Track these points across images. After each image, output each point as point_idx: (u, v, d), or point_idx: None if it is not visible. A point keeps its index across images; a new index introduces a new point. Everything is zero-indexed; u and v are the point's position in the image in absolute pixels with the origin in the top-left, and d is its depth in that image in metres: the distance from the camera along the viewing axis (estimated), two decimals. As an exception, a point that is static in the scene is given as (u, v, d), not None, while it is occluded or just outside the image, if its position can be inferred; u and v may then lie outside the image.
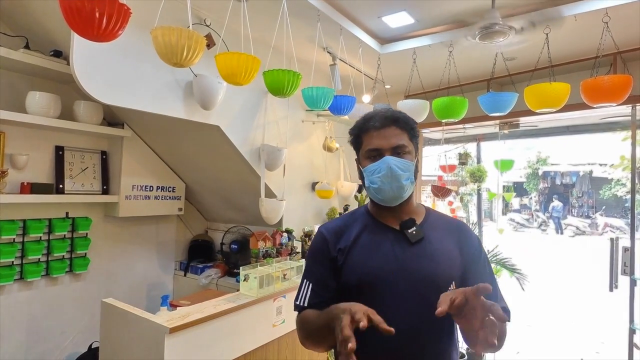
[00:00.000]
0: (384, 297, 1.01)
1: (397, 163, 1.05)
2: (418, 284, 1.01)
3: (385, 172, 1.04)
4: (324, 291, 1.09)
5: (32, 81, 2.35)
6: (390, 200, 1.08)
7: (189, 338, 1.74)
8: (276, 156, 2.64)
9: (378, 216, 1.13)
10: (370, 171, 1.07)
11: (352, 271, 1.06)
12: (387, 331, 0.80)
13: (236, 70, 1.67)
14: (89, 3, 1.12)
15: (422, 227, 1.09)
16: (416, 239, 1.06)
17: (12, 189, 2.24)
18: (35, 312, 2.46)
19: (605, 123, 3.55)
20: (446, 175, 3.86)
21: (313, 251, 1.17)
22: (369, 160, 1.08)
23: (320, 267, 1.12)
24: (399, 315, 0.97)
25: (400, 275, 1.02)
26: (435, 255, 1.05)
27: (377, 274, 1.03)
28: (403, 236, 1.07)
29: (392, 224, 1.10)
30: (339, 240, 1.11)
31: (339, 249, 1.09)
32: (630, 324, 2.66)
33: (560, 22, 2.15)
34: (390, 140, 1.06)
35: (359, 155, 1.15)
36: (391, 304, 1.00)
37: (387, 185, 1.05)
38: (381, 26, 2.47)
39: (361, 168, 1.12)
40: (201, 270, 3.19)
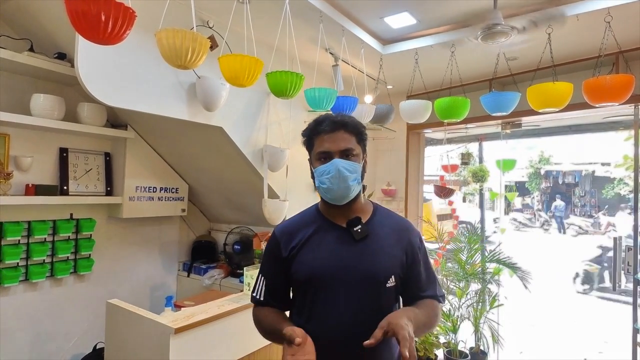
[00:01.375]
0: (328, 291, 1.10)
1: (345, 165, 1.12)
2: (359, 279, 1.10)
3: (334, 174, 1.11)
4: (275, 288, 1.21)
5: (36, 83, 2.36)
6: (338, 199, 1.15)
7: (194, 338, 1.75)
8: (279, 157, 2.65)
9: (327, 214, 1.21)
10: (320, 172, 1.14)
11: (300, 268, 1.14)
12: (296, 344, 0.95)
13: (239, 73, 1.67)
14: (95, 6, 1.13)
15: (367, 225, 1.16)
16: (360, 237, 1.14)
17: (17, 190, 2.26)
18: (40, 313, 2.48)
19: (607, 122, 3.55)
20: (448, 175, 3.86)
21: (267, 251, 1.26)
22: (319, 162, 1.15)
23: (273, 266, 1.22)
24: (342, 309, 1.08)
25: (344, 272, 1.10)
26: (378, 252, 1.14)
27: (322, 270, 1.11)
28: (349, 234, 1.14)
29: (339, 222, 1.17)
30: (291, 240, 1.18)
31: (290, 248, 1.17)
32: (634, 324, 2.65)
33: (563, 21, 2.15)
34: (339, 144, 1.13)
35: (310, 156, 1.22)
36: (335, 298, 1.10)
37: (335, 186, 1.12)
38: (383, 27, 2.48)
39: (312, 169, 1.20)
40: (204, 271, 3.20)
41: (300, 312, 1.16)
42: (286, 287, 1.21)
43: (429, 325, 1.15)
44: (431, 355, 3.14)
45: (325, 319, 1.09)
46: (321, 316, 1.10)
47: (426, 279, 1.20)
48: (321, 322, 1.09)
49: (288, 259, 1.16)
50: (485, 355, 3.34)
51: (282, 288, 1.21)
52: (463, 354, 3.28)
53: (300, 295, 1.17)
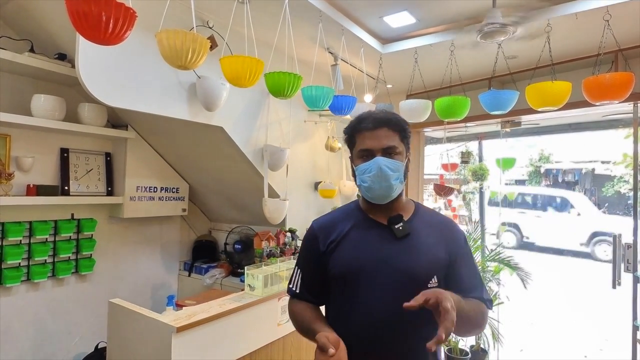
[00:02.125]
0: (367, 288, 1.08)
1: (387, 163, 1.09)
2: (399, 277, 1.07)
3: (375, 172, 1.08)
4: (311, 281, 1.20)
5: (37, 84, 2.37)
6: (379, 198, 1.13)
7: (196, 337, 1.75)
8: (279, 156, 2.66)
9: (368, 212, 1.18)
10: (362, 170, 1.11)
11: (339, 263, 1.12)
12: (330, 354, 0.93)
13: (241, 73, 1.68)
14: (96, 7, 1.14)
15: (409, 223, 1.14)
16: (402, 235, 1.11)
17: (18, 191, 2.26)
18: (42, 313, 2.48)
19: (607, 120, 3.56)
20: (448, 173, 3.87)
21: (304, 244, 1.25)
22: (361, 159, 1.13)
23: (310, 261, 1.21)
24: (380, 306, 1.05)
25: (383, 269, 1.08)
26: (419, 251, 1.10)
27: (360, 267, 1.09)
28: (390, 231, 1.12)
29: (380, 219, 1.15)
30: (329, 235, 1.17)
31: (328, 243, 1.16)
32: (634, 321, 2.66)
33: (561, 20, 2.16)
34: (382, 141, 1.11)
35: (352, 154, 1.20)
36: (373, 296, 1.07)
37: (376, 185, 1.09)
38: (383, 26, 2.48)
39: (353, 167, 1.17)
40: (205, 270, 3.20)
41: (336, 307, 1.14)
42: (322, 281, 1.18)
43: (474, 322, 1.06)
44: (432, 353, 3.14)
45: (362, 316, 1.07)
46: (357, 313, 1.08)
47: (470, 281, 1.14)
48: (357, 319, 1.07)
49: (326, 253, 1.14)
50: (486, 354, 3.35)
51: (318, 282, 1.18)
52: (464, 352, 3.29)
53: (336, 290, 1.14)
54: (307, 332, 1.12)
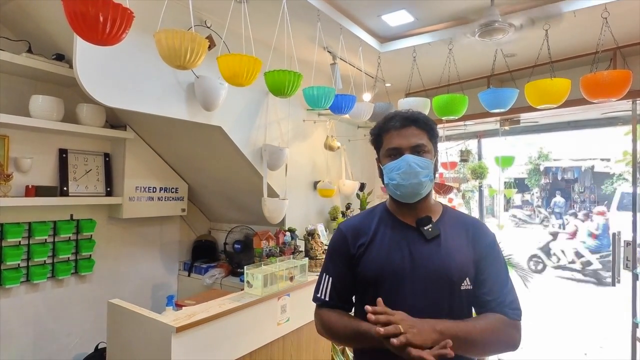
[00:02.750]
0: (399, 291, 1.05)
1: (416, 160, 1.08)
2: (432, 280, 1.05)
3: (404, 169, 1.07)
4: (343, 286, 1.16)
5: (35, 85, 2.36)
6: (408, 196, 1.11)
7: (196, 337, 1.75)
8: (278, 156, 2.65)
9: (396, 213, 1.17)
10: (390, 168, 1.11)
11: (370, 266, 1.11)
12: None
13: (238, 72, 1.68)
14: (93, 8, 1.14)
15: (438, 225, 1.12)
16: (432, 236, 1.09)
17: (17, 192, 2.26)
18: (41, 313, 2.48)
19: (606, 118, 3.55)
20: (447, 172, 3.86)
21: (333, 248, 1.21)
22: (389, 158, 1.12)
23: (340, 264, 1.18)
24: (413, 310, 1.00)
25: (415, 271, 1.06)
26: (450, 252, 1.08)
27: (392, 270, 1.07)
28: (419, 233, 1.10)
29: (409, 221, 1.14)
30: (358, 237, 1.15)
31: (358, 245, 1.14)
32: (633, 318, 2.66)
33: (560, 18, 2.16)
34: (410, 140, 1.10)
35: (379, 154, 1.19)
36: (405, 299, 1.04)
37: (406, 182, 1.08)
38: (381, 25, 2.48)
39: (381, 166, 1.16)
40: (205, 270, 3.20)
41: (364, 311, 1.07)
42: (352, 286, 1.16)
43: (479, 341, 1.00)
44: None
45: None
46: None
47: (497, 283, 1.08)
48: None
49: (356, 256, 1.13)
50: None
51: (348, 287, 1.16)
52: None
53: (365, 294, 1.11)
54: (354, 334, 1.06)
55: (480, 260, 1.10)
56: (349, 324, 1.09)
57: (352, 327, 1.07)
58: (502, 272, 1.12)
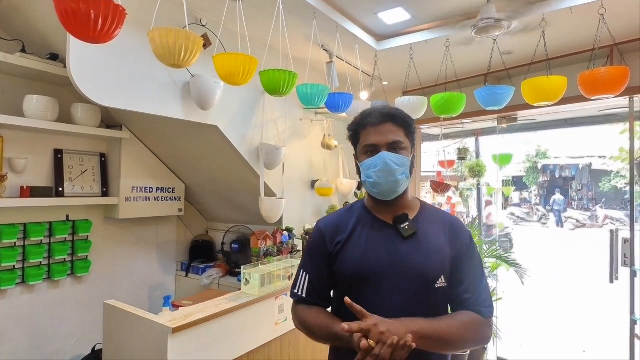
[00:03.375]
0: (376, 289, 1.06)
1: (393, 158, 1.07)
2: (408, 277, 1.06)
3: (381, 167, 1.07)
4: (319, 283, 1.16)
5: (29, 85, 2.34)
6: (385, 194, 1.11)
7: (192, 338, 1.74)
8: (275, 155, 2.64)
9: (374, 211, 1.17)
10: (367, 166, 1.10)
11: (347, 264, 1.10)
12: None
13: (234, 71, 1.67)
14: (85, 5, 1.12)
15: (415, 222, 1.12)
16: (408, 234, 1.09)
17: (12, 193, 2.24)
18: (38, 315, 2.47)
19: (603, 115, 3.55)
20: (445, 170, 3.86)
21: (311, 245, 1.21)
22: (366, 155, 1.11)
23: (318, 261, 1.17)
24: (390, 307, 1.03)
25: (392, 269, 1.06)
26: (427, 250, 1.08)
27: (370, 268, 1.07)
28: (396, 231, 1.10)
29: (386, 218, 1.14)
30: (336, 235, 1.15)
31: (335, 243, 1.14)
32: (631, 315, 2.66)
33: (556, 15, 2.15)
34: (387, 137, 1.09)
35: (356, 150, 1.18)
36: (382, 296, 1.05)
37: (382, 180, 1.08)
38: (377, 23, 2.47)
39: (358, 163, 1.16)
40: (202, 270, 3.19)
41: (341, 309, 1.09)
42: (330, 283, 1.16)
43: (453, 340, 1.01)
44: (431, 350, 3.14)
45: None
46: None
47: (473, 282, 1.10)
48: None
49: (333, 254, 1.13)
50: (485, 349, 3.35)
51: (326, 285, 1.16)
52: (462, 349, 3.28)
53: (343, 291, 1.11)
54: (329, 336, 1.07)
55: (458, 259, 1.10)
56: (324, 324, 1.08)
57: (327, 327, 1.07)
58: (478, 271, 1.13)
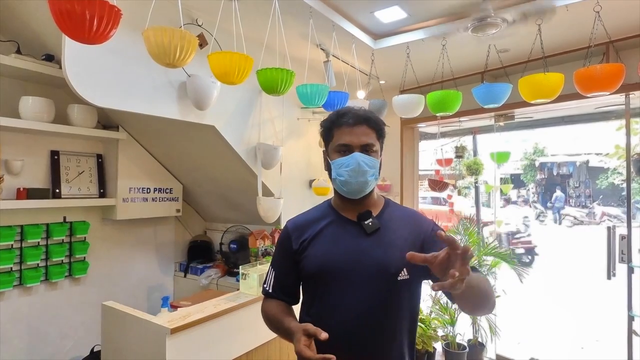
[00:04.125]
0: (340, 285, 1.10)
1: (365, 159, 1.12)
2: (370, 272, 1.09)
3: (353, 167, 1.11)
4: (285, 281, 1.22)
5: (25, 86, 2.34)
6: (354, 192, 1.15)
7: (191, 338, 1.74)
8: (272, 154, 2.64)
9: (339, 209, 1.21)
10: (339, 164, 1.13)
11: (312, 261, 1.14)
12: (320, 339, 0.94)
13: (229, 70, 1.67)
14: (79, 6, 1.12)
15: (378, 219, 1.16)
16: (371, 230, 1.13)
17: (9, 194, 2.24)
18: (36, 317, 2.46)
19: (599, 112, 3.56)
20: (443, 169, 3.86)
21: (278, 244, 1.27)
22: (339, 154, 1.14)
23: (283, 259, 1.23)
24: (352, 302, 1.08)
25: (355, 265, 1.10)
26: (388, 245, 1.12)
27: (333, 264, 1.11)
28: (360, 227, 1.14)
29: (351, 216, 1.18)
30: (303, 234, 1.19)
31: (301, 241, 1.18)
32: (629, 311, 2.68)
33: (552, 12, 2.15)
34: (361, 138, 1.13)
35: (327, 147, 1.21)
36: (345, 292, 1.09)
37: (353, 179, 1.12)
38: (374, 21, 2.47)
39: (329, 160, 1.18)
40: (201, 270, 3.19)
41: (309, 305, 1.16)
42: (296, 281, 1.21)
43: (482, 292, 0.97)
44: (429, 348, 3.15)
45: (335, 312, 1.09)
46: (331, 310, 1.10)
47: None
48: (331, 316, 1.09)
49: (298, 252, 1.17)
50: (484, 347, 3.36)
51: (292, 282, 1.21)
52: (461, 346, 3.29)
53: (309, 288, 1.17)
54: (277, 328, 1.15)
55: (428, 244, 1.11)
56: (279, 318, 1.14)
57: (278, 321, 1.14)
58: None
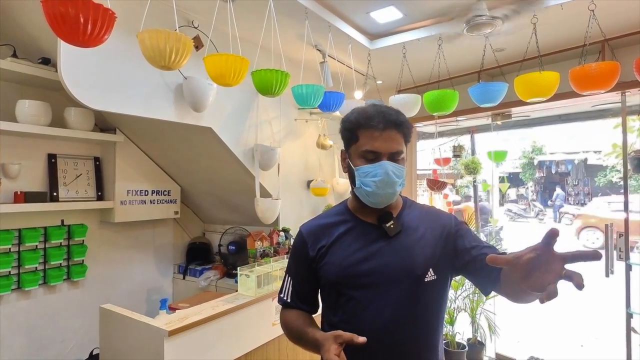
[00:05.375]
0: (364, 292, 1.03)
1: (394, 169, 1.03)
2: (396, 276, 1.03)
3: (382, 178, 1.02)
4: (303, 289, 1.15)
5: (21, 90, 2.33)
6: (381, 204, 1.08)
7: (189, 340, 1.74)
8: (270, 156, 2.64)
9: (358, 213, 1.14)
10: (365, 173, 1.04)
11: (332, 269, 1.07)
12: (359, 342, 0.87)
13: (225, 72, 1.67)
14: (73, 9, 1.12)
15: (399, 220, 1.10)
16: (394, 233, 1.07)
17: (6, 198, 2.23)
18: (34, 321, 2.45)
19: (596, 111, 3.57)
20: (441, 168, 3.87)
21: (293, 251, 1.20)
22: (364, 160, 1.05)
23: (300, 267, 1.16)
24: (379, 308, 1.01)
25: (379, 270, 1.04)
26: (413, 246, 1.06)
27: (355, 270, 1.05)
28: (382, 230, 1.08)
29: (370, 219, 1.11)
30: (319, 240, 1.12)
31: (318, 248, 1.11)
32: (627, 309, 2.68)
33: (547, 11, 2.16)
34: (391, 145, 1.03)
35: (349, 150, 1.10)
36: (372, 299, 1.03)
37: (381, 190, 1.04)
38: (370, 22, 2.48)
39: (352, 166, 1.08)
40: (200, 272, 3.19)
41: (333, 313, 1.09)
42: (315, 288, 1.14)
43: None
44: (429, 347, 3.15)
45: (362, 322, 1.02)
46: (357, 317, 1.03)
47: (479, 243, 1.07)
48: (358, 323, 1.02)
49: (316, 259, 1.10)
50: (483, 346, 3.37)
51: (310, 289, 1.14)
52: (461, 345, 3.30)
53: (332, 296, 1.09)
54: (300, 338, 1.07)
55: (457, 240, 1.08)
56: (302, 329, 1.06)
57: (303, 332, 1.05)
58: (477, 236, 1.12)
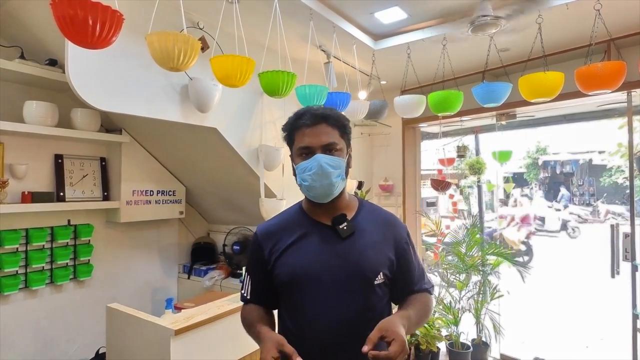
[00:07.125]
0: (315, 292, 1.06)
1: (328, 160, 1.06)
2: (346, 277, 1.06)
3: (315, 170, 1.05)
4: (260, 287, 1.19)
5: (29, 91, 2.35)
6: (321, 197, 1.10)
7: (195, 339, 1.75)
8: (274, 156, 2.65)
9: (311, 213, 1.16)
10: (302, 169, 1.08)
11: (283, 269, 1.10)
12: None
13: (231, 73, 1.68)
14: (82, 11, 1.13)
15: (353, 222, 1.12)
16: (346, 234, 1.09)
17: (13, 198, 2.26)
18: (41, 320, 2.48)
19: (602, 110, 3.55)
20: (446, 168, 3.87)
21: (250, 252, 1.24)
22: (301, 157, 1.09)
23: (256, 267, 1.19)
24: (329, 309, 1.05)
25: (329, 271, 1.06)
26: (365, 249, 1.09)
27: (306, 271, 1.07)
28: (334, 232, 1.09)
29: (324, 220, 1.13)
30: (273, 242, 1.14)
31: (272, 250, 1.13)
32: (633, 310, 2.67)
33: (552, 11, 2.15)
34: (321, 138, 1.07)
35: (292, 152, 1.15)
36: (322, 298, 1.06)
37: (317, 183, 1.06)
38: (374, 22, 2.48)
39: (294, 165, 1.13)
40: (204, 272, 3.20)
41: (286, 312, 1.13)
42: (271, 287, 1.16)
43: (421, 322, 1.16)
44: (433, 348, 3.15)
45: (312, 321, 1.06)
46: (308, 317, 1.06)
47: (417, 273, 1.18)
48: (309, 323, 1.06)
49: (271, 261, 1.13)
50: (487, 346, 3.36)
51: (267, 288, 1.16)
52: (465, 346, 3.29)
53: (285, 296, 1.13)
54: (250, 329, 1.13)
55: (402, 256, 1.15)
56: (253, 322, 1.12)
57: (252, 325, 1.11)
58: (419, 262, 1.22)
